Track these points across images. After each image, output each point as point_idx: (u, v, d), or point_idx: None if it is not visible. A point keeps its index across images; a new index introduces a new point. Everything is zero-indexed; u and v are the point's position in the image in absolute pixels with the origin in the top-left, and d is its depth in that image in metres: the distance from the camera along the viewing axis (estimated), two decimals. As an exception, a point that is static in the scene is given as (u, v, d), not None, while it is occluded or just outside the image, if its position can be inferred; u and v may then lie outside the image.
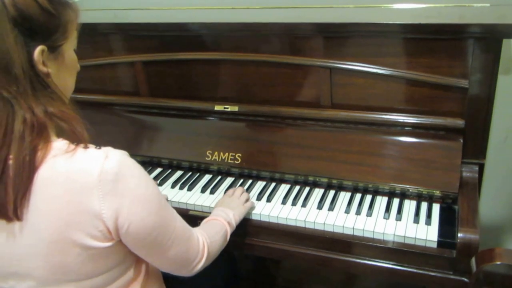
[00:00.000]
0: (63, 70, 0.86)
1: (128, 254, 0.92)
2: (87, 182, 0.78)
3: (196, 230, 1.02)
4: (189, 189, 1.45)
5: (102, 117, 1.67)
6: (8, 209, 0.77)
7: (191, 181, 1.48)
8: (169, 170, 1.56)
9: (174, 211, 0.94)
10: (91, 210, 0.79)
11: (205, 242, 1.01)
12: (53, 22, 0.80)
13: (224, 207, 1.22)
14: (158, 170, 1.57)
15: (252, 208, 1.32)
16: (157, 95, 1.64)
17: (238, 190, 1.33)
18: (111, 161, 0.79)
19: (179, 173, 1.55)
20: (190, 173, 1.54)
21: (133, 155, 1.54)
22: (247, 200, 1.31)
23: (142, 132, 1.62)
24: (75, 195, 0.78)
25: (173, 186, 1.47)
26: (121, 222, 0.82)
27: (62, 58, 0.85)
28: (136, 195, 0.82)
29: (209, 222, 1.15)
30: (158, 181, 1.49)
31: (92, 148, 0.81)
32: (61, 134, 0.83)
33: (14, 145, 0.76)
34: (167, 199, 1.38)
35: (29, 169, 0.76)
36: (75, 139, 0.82)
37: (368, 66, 1.33)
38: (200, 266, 1.00)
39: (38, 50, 0.78)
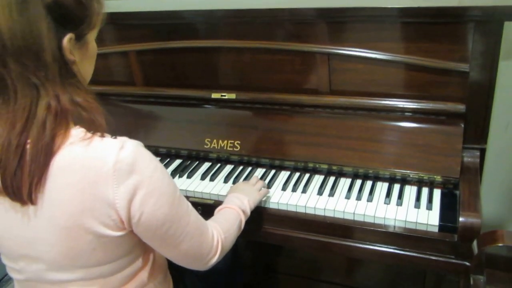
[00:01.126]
0: (85, 59, 0.86)
1: (138, 244, 0.92)
2: (102, 171, 0.77)
3: (210, 225, 1.00)
4: (189, 177, 1.44)
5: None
6: (23, 193, 0.77)
7: (191, 169, 1.48)
8: (168, 159, 1.55)
9: (190, 205, 0.93)
10: (105, 199, 0.79)
11: (219, 237, 0.99)
12: (83, 11, 0.81)
13: (239, 193, 1.20)
14: (157, 159, 1.56)
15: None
16: (153, 84, 1.63)
17: (253, 178, 1.32)
18: (127, 151, 0.79)
19: (178, 161, 1.54)
20: (189, 161, 1.53)
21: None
22: (261, 188, 1.29)
23: (139, 121, 1.60)
24: (90, 183, 0.78)
25: (172, 174, 1.46)
26: (133, 212, 0.81)
27: (86, 47, 0.85)
28: (150, 187, 0.81)
29: (224, 211, 1.12)
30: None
31: (108, 137, 0.81)
32: (78, 122, 0.82)
33: (34, 130, 0.75)
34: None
35: (46, 155, 0.76)
36: (93, 128, 0.81)
37: (367, 51, 1.32)
38: (213, 261, 0.99)
39: (67, 38, 0.78)
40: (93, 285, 0.89)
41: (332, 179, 1.36)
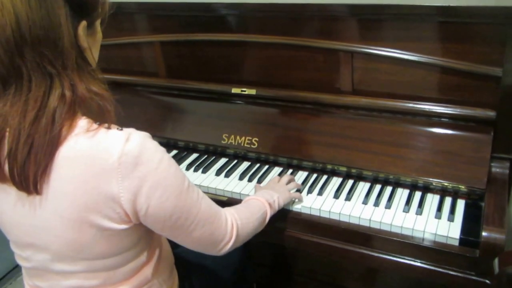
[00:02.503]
0: (94, 46, 0.86)
1: (143, 237, 0.90)
2: (107, 164, 0.76)
3: (226, 210, 0.98)
4: (204, 172, 1.42)
5: (120, 97, 1.66)
6: (29, 183, 0.76)
7: (206, 164, 1.45)
8: (185, 153, 1.54)
9: (200, 193, 0.91)
10: (109, 193, 0.77)
11: (234, 224, 0.97)
12: None
13: (269, 189, 1.18)
14: (174, 152, 1.55)
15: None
16: (175, 76, 1.62)
17: (285, 176, 1.28)
18: (132, 143, 0.77)
19: (194, 155, 1.52)
20: (205, 156, 1.51)
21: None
22: (297, 189, 1.26)
23: (158, 113, 1.60)
24: (94, 176, 0.76)
25: (187, 168, 1.44)
26: (140, 205, 0.80)
27: (95, 34, 0.85)
28: (156, 179, 0.80)
29: (249, 202, 1.11)
30: (173, 163, 1.46)
31: (114, 129, 0.79)
32: (86, 112, 0.81)
33: (43, 120, 0.75)
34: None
35: (51, 145, 0.75)
36: (101, 119, 0.80)
37: (393, 51, 1.26)
38: (228, 247, 0.97)
39: (82, 25, 0.79)
40: (96, 277, 0.89)
41: (350, 182, 1.31)
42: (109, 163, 0.76)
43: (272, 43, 1.40)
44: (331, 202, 1.24)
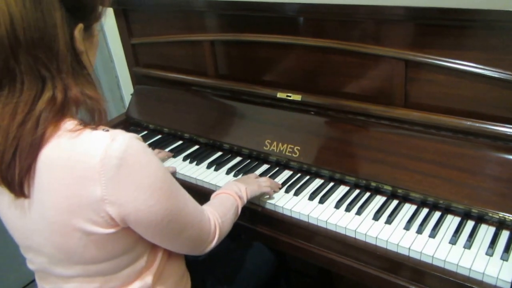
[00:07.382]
0: (91, 49, 0.85)
1: (140, 242, 0.88)
2: (89, 167, 0.74)
3: (207, 210, 0.98)
4: (242, 178, 1.38)
5: (170, 95, 1.69)
6: (14, 184, 0.77)
7: (247, 170, 1.41)
8: (229, 155, 1.50)
9: (186, 194, 0.90)
10: (92, 196, 0.76)
11: (216, 222, 0.98)
12: (92, 1, 0.81)
13: (238, 181, 1.18)
14: (218, 153, 1.52)
15: (299, 206, 1.22)
16: (223, 77, 1.59)
17: (264, 178, 1.29)
18: (116, 145, 0.75)
19: (237, 159, 1.48)
20: (248, 160, 1.46)
21: (197, 135, 1.50)
22: (269, 187, 1.25)
23: (205, 112, 1.58)
24: (76, 179, 0.75)
25: (228, 172, 1.41)
26: (127, 211, 0.78)
27: (92, 37, 0.85)
28: (142, 182, 0.78)
29: (220, 197, 1.11)
30: (215, 166, 1.44)
31: (99, 130, 0.78)
32: (83, 115, 0.81)
33: (29, 123, 0.75)
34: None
35: (34, 146, 0.76)
36: (94, 120, 0.80)
37: (453, 61, 1.11)
38: (212, 246, 0.98)
39: (78, 28, 0.78)
40: (93, 282, 0.88)
41: (394, 203, 1.19)
42: (91, 165, 0.74)
43: (320, 47, 1.31)
44: (368, 224, 1.14)
